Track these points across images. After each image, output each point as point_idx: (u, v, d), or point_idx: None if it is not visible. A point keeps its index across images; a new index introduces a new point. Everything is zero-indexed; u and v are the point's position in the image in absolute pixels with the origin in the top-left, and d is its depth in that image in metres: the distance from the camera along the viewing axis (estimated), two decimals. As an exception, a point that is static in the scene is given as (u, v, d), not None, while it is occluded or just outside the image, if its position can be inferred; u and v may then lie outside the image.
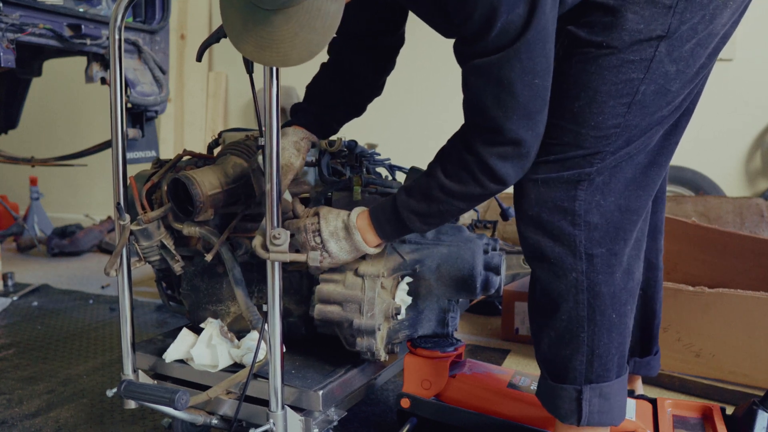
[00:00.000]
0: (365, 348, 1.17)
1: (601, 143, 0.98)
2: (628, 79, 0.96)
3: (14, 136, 3.17)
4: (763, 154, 3.11)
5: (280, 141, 1.03)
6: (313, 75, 1.33)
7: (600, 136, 0.98)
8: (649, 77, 0.96)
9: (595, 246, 1.00)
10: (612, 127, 0.97)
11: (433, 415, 1.29)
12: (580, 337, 1.02)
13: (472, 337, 2.15)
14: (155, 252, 1.26)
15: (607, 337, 1.02)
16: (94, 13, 2.23)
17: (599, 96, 0.97)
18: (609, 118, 0.97)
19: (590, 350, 1.02)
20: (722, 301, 1.70)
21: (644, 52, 0.95)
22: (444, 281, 1.26)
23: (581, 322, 1.02)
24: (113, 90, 1.19)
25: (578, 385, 1.04)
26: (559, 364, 1.05)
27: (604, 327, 1.02)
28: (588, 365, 1.03)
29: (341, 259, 1.12)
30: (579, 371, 1.03)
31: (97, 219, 4.11)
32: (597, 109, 0.97)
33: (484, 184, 0.98)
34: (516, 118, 0.94)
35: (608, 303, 1.01)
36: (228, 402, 1.18)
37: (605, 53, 0.96)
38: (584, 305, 1.01)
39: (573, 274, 1.01)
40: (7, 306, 2.49)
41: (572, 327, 1.02)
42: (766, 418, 1.17)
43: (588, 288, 1.01)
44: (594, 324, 1.02)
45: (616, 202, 1.00)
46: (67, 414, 1.53)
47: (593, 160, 0.99)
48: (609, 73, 0.96)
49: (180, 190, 1.20)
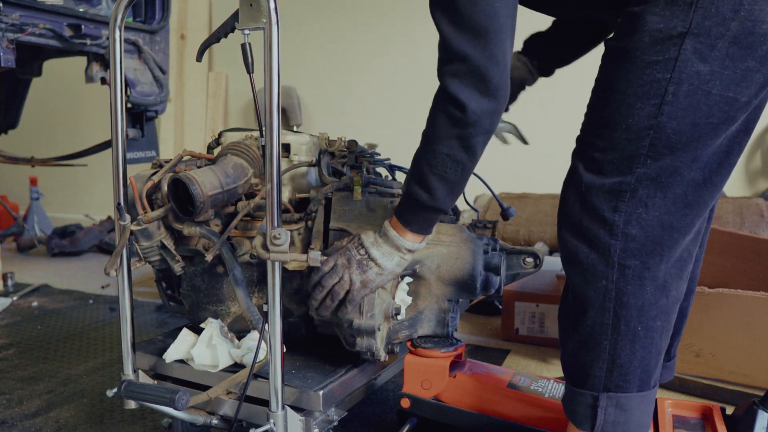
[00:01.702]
0: (365, 348, 1.17)
1: (634, 145, 0.97)
2: (654, 79, 0.95)
3: (14, 136, 3.17)
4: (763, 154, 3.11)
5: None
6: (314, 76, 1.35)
7: (632, 138, 0.97)
8: (678, 77, 0.94)
9: (629, 257, 0.99)
10: (644, 129, 0.96)
11: (433, 415, 1.29)
12: (602, 345, 1.02)
13: (472, 337, 2.15)
14: (155, 252, 1.26)
15: (629, 348, 1.01)
16: (94, 13, 2.23)
17: (627, 98, 0.97)
18: (639, 120, 0.96)
19: (611, 359, 1.01)
20: (722, 302, 1.70)
21: (668, 51, 0.94)
22: (444, 281, 1.26)
23: (605, 329, 1.01)
24: (113, 90, 1.19)
25: (595, 392, 1.03)
26: (580, 369, 1.05)
27: (628, 338, 1.01)
28: (607, 373, 1.02)
29: (387, 268, 1.15)
30: (598, 378, 1.03)
31: (97, 219, 4.11)
32: (626, 112, 0.97)
33: (449, 111, 1.01)
34: (459, 32, 0.98)
35: (634, 315, 1.00)
36: (228, 402, 1.18)
37: (628, 57, 0.97)
38: (610, 313, 1.01)
39: (603, 281, 1.01)
40: (7, 306, 2.49)
41: (596, 334, 1.02)
42: (766, 418, 1.17)
43: (616, 297, 1.00)
44: (618, 333, 1.01)
45: (660, 218, 0.99)
46: (67, 414, 1.54)
47: (632, 166, 0.98)
48: (633, 76, 0.96)
49: (180, 190, 1.20)
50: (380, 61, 3.74)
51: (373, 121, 3.75)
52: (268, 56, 1.00)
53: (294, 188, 1.37)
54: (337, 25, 3.90)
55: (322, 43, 3.93)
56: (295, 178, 1.37)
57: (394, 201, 1.28)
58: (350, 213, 1.28)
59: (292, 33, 3.90)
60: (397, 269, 1.17)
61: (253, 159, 1.27)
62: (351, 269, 1.14)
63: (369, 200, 1.29)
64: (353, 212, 1.28)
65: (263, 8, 0.99)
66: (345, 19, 3.88)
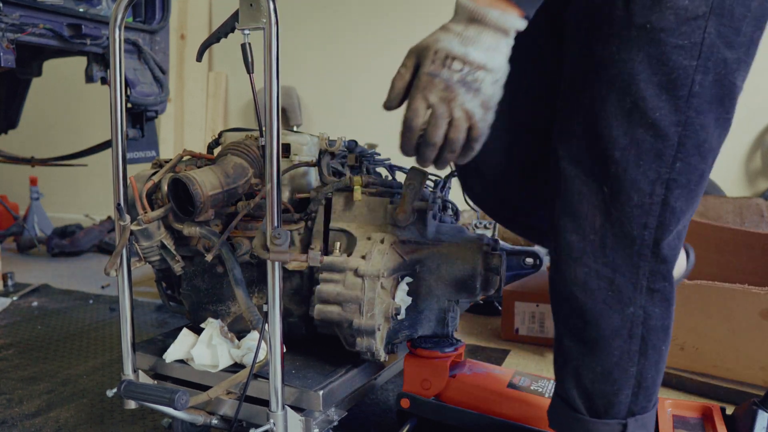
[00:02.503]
0: (365, 348, 1.17)
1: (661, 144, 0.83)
2: (680, 66, 0.81)
3: (14, 136, 3.17)
4: (763, 154, 3.11)
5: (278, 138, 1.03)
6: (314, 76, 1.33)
7: (662, 135, 0.83)
8: (703, 64, 0.81)
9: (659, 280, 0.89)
10: (672, 124, 0.82)
11: (433, 415, 1.29)
12: (629, 372, 0.93)
13: (472, 337, 2.15)
14: (155, 252, 1.26)
15: (654, 369, 0.94)
16: (94, 13, 2.23)
17: (651, 88, 0.81)
18: (667, 114, 0.82)
19: (637, 383, 0.94)
20: (701, 293, 1.68)
21: (693, 34, 0.80)
22: (444, 281, 1.26)
23: (632, 356, 0.92)
24: (113, 90, 1.19)
25: (623, 419, 0.95)
26: (600, 399, 0.95)
27: (653, 360, 0.93)
28: (633, 398, 0.94)
29: (499, 66, 0.81)
30: (624, 404, 0.94)
31: (97, 219, 4.11)
32: (652, 105, 0.82)
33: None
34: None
35: (661, 337, 0.93)
36: (228, 402, 1.18)
37: (652, 38, 0.81)
38: (638, 339, 0.91)
39: (631, 308, 0.90)
40: (7, 306, 2.49)
41: (623, 363, 0.92)
42: (766, 418, 1.17)
43: (644, 322, 0.91)
44: (645, 358, 0.92)
45: (680, 232, 0.89)
46: (67, 414, 1.53)
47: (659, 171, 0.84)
48: (658, 62, 0.81)
49: (180, 190, 1.20)
50: (380, 61, 3.74)
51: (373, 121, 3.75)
52: (268, 56, 0.99)
53: (294, 188, 1.37)
54: (337, 25, 3.90)
55: (322, 43, 3.93)
56: (295, 178, 1.37)
57: (395, 201, 1.28)
58: (350, 213, 1.28)
59: (292, 33, 3.90)
60: (506, 66, 0.83)
61: (253, 159, 1.27)
62: (457, 98, 0.79)
63: (369, 200, 1.29)
64: (353, 212, 1.28)
65: (263, 8, 0.99)
66: (345, 19, 3.88)
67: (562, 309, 0.96)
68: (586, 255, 0.88)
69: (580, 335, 0.93)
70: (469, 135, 0.81)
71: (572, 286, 0.91)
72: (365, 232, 1.24)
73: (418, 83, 0.81)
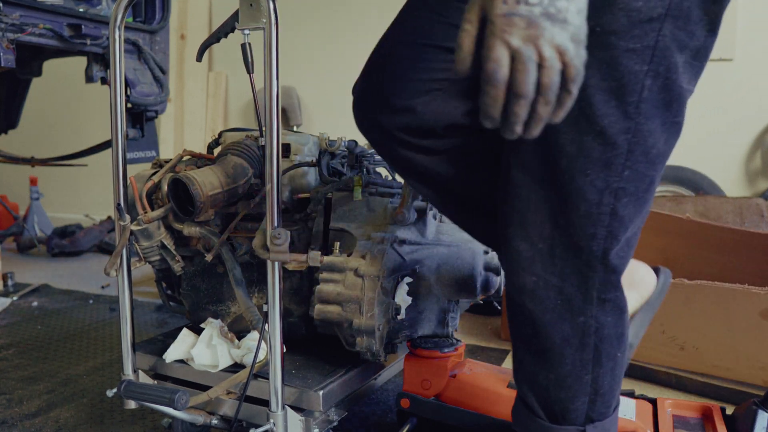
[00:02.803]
0: (365, 348, 1.17)
1: (610, 153, 0.80)
2: (631, 71, 0.77)
3: (14, 136, 3.17)
4: (763, 154, 3.11)
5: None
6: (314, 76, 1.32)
7: (611, 143, 0.79)
8: (654, 69, 0.77)
9: (610, 290, 0.87)
10: (621, 132, 0.79)
11: (433, 415, 1.29)
12: (583, 380, 0.91)
13: (472, 337, 2.15)
14: (155, 252, 1.26)
15: (610, 376, 0.92)
16: (94, 13, 2.23)
17: (600, 94, 0.77)
18: (616, 121, 0.78)
19: (593, 390, 0.92)
20: (701, 293, 1.69)
21: (646, 37, 0.76)
22: (444, 281, 1.26)
23: (586, 365, 0.90)
24: (113, 90, 1.19)
25: (581, 426, 0.94)
26: (556, 405, 0.94)
27: (609, 367, 0.91)
28: (590, 405, 0.93)
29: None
30: (581, 411, 0.93)
31: (97, 219, 4.11)
32: (600, 111, 0.78)
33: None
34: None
35: (615, 344, 0.91)
36: (228, 402, 1.18)
37: (601, 41, 0.76)
38: (590, 348, 0.89)
39: (581, 317, 0.87)
40: (7, 306, 2.49)
41: (576, 371, 0.90)
42: (766, 418, 1.17)
43: (596, 332, 0.88)
44: (600, 366, 0.90)
45: (629, 239, 0.86)
46: (67, 414, 1.53)
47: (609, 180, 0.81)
48: (608, 67, 0.77)
49: (180, 190, 1.20)
50: (380, 61, 3.74)
51: (373, 121, 3.75)
52: (268, 56, 1.00)
53: (294, 188, 1.37)
54: (337, 25, 3.90)
55: (322, 43, 3.93)
56: (295, 178, 1.37)
57: (394, 201, 1.28)
58: (350, 213, 1.28)
59: (292, 33, 3.90)
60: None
61: (253, 159, 1.27)
62: (544, 33, 0.66)
63: (369, 200, 1.29)
64: (353, 212, 1.28)
65: (263, 8, 0.99)
66: (345, 19, 3.88)
67: (515, 317, 0.94)
68: (534, 264, 0.86)
69: (533, 344, 0.92)
70: (564, 77, 0.69)
71: (522, 295, 0.89)
72: (365, 232, 1.24)
73: (492, 29, 0.67)
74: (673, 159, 1.06)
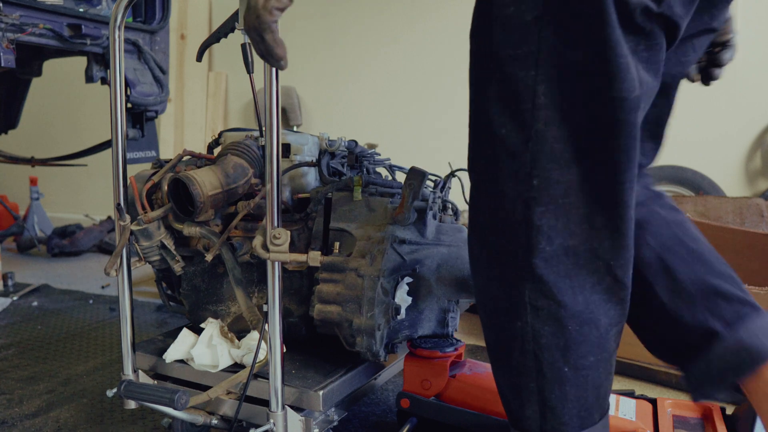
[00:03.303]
0: (365, 348, 1.17)
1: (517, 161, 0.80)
2: (518, 78, 0.77)
3: (14, 136, 3.18)
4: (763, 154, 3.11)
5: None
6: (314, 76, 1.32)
7: (511, 153, 0.80)
8: (544, 73, 0.76)
9: (540, 298, 0.85)
10: (521, 141, 0.79)
11: (433, 415, 1.29)
12: (529, 387, 0.90)
13: (472, 337, 2.15)
14: (155, 252, 1.27)
15: (559, 390, 0.89)
16: (94, 13, 2.23)
17: (495, 105, 0.79)
18: (512, 129, 0.79)
19: (541, 401, 0.90)
20: None
21: (526, 42, 0.76)
22: (444, 281, 1.26)
23: (529, 372, 0.89)
24: (113, 90, 1.19)
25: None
26: (515, 410, 0.94)
27: (555, 381, 0.88)
28: (541, 416, 0.91)
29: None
30: (533, 420, 0.92)
31: (97, 219, 4.11)
32: (497, 122, 0.79)
33: None
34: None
35: (558, 357, 0.87)
36: (228, 402, 1.18)
37: (487, 51, 0.78)
38: (531, 355, 0.88)
39: (518, 322, 0.87)
40: (7, 306, 2.49)
41: (522, 376, 0.90)
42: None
43: (534, 339, 0.87)
44: (542, 376, 0.89)
45: (563, 245, 0.82)
46: (67, 414, 1.54)
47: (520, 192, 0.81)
48: (499, 77, 0.78)
49: (180, 190, 1.20)
50: (380, 61, 3.74)
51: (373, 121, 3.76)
52: (268, 56, 0.99)
53: (294, 188, 1.37)
54: (337, 25, 3.90)
55: (322, 43, 3.93)
56: (295, 178, 1.37)
57: (394, 201, 1.28)
58: (350, 213, 1.28)
59: (292, 33, 3.90)
60: None
61: (253, 159, 1.27)
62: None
63: (369, 200, 1.29)
64: (353, 212, 1.28)
65: (263, 8, 0.99)
66: (345, 19, 3.88)
67: (480, 316, 0.96)
68: (481, 265, 0.89)
69: (489, 344, 0.94)
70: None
71: (476, 294, 0.92)
72: (365, 232, 1.24)
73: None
74: (673, 159, 1.07)
